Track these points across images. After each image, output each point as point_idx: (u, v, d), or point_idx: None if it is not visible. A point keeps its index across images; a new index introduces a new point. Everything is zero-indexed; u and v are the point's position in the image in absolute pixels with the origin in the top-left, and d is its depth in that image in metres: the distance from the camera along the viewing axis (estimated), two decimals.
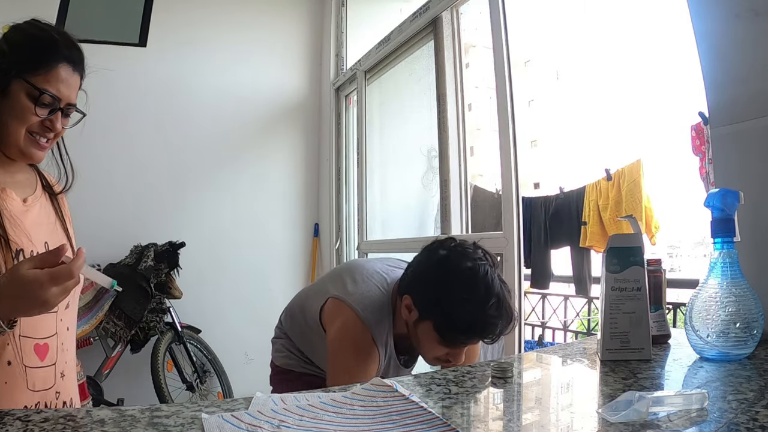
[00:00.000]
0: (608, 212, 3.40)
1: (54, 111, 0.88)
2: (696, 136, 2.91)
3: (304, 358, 1.40)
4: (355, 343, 1.17)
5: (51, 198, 0.99)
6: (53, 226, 0.95)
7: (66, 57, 0.89)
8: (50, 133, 0.89)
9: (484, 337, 1.10)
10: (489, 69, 2.15)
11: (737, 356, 0.88)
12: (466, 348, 1.18)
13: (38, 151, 0.90)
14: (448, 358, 1.14)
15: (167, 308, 2.92)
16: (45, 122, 0.88)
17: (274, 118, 3.67)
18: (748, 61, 1.06)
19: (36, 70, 0.85)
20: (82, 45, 0.97)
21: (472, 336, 1.09)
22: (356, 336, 1.17)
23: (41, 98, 0.85)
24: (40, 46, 0.87)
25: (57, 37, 0.89)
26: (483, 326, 1.07)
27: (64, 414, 0.65)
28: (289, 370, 1.42)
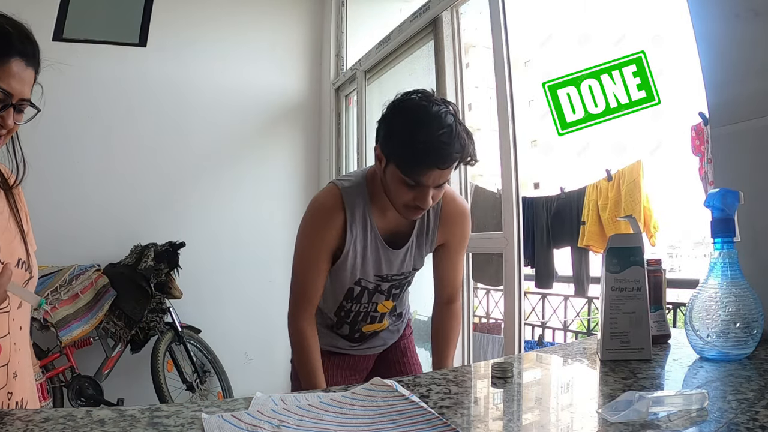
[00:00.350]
0: (607, 212, 3.40)
1: (5, 107, 0.83)
2: (696, 136, 2.91)
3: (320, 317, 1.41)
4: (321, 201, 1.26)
5: (6, 193, 0.94)
6: (6, 222, 0.92)
7: (19, 51, 0.84)
8: (2, 130, 0.85)
9: (439, 164, 1.11)
10: (489, 69, 2.15)
11: (737, 356, 0.88)
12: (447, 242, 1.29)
13: None
14: (415, 203, 1.15)
15: (167, 308, 2.92)
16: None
17: (274, 118, 3.67)
18: (748, 61, 1.06)
19: None
20: (82, 45, 0.95)
21: (427, 162, 1.10)
22: (324, 195, 1.27)
23: None
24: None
25: (10, 29, 0.85)
26: (435, 152, 1.09)
27: (64, 414, 0.65)
28: None
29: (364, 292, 1.33)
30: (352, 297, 1.34)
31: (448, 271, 1.37)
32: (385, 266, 1.29)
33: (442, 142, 1.09)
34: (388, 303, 1.37)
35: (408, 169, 1.12)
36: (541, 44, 18.61)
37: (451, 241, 1.34)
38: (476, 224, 3.36)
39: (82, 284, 2.77)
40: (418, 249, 1.31)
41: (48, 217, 2.97)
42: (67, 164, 3.05)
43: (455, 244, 1.34)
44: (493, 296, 4.51)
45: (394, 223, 1.28)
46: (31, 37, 0.88)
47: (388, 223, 1.28)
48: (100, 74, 3.11)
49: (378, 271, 1.30)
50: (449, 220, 1.31)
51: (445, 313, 1.41)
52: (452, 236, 1.33)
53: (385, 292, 1.34)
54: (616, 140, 15.20)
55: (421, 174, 1.11)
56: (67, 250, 2.98)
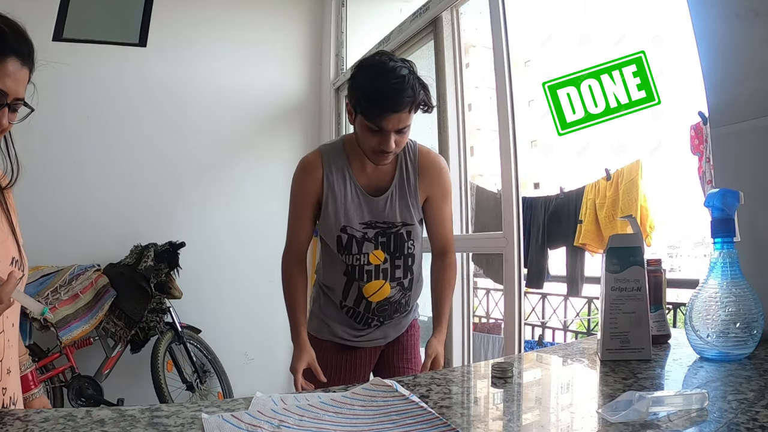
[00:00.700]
0: (604, 211, 3.41)
1: (1, 106, 0.83)
2: (695, 135, 2.91)
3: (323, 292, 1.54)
4: (303, 159, 1.48)
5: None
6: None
7: (14, 50, 0.84)
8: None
9: (394, 108, 1.25)
10: (489, 69, 2.15)
11: (737, 356, 0.88)
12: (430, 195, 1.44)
13: None
14: (380, 147, 1.30)
15: (167, 308, 2.92)
16: None
17: (274, 117, 3.66)
18: (748, 61, 1.06)
19: None
20: (82, 45, 0.96)
21: (383, 107, 1.25)
22: (307, 155, 1.48)
23: None
24: None
25: (5, 28, 0.85)
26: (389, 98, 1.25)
27: (64, 414, 0.65)
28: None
29: (352, 240, 1.43)
30: (343, 247, 1.44)
31: (437, 223, 1.49)
32: (367, 213, 1.42)
33: (395, 89, 1.25)
34: (379, 253, 1.44)
35: (369, 115, 1.28)
36: (541, 44, 18.61)
37: (433, 194, 1.46)
38: (476, 224, 3.37)
39: (82, 284, 2.77)
40: (401, 199, 1.43)
41: (48, 217, 2.97)
42: (67, 164, 3.05)
43: (437, 197, 1.47)
44: (493, 296, 4.52)
45: (374, 176, 1.44)
46: (26, 36, 0.87)
47: (369, 177, 1.44)
48: (100, 74, 3.11)
49: (361, 218, 1.42)
50: (427, 171, 1.44)
51: (439, 265, 1.51)
52: (432, 188, 1.45)
53: (373, 239, 1.43)
54: (616, 140, 15.20)
55: (381, 118, 1.27)
56: (67, 250, 2.98)
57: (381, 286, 1.46)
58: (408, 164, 1.44)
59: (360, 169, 1.43)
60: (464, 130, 2.48)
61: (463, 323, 2.40)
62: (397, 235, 1.44)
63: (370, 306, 1.47)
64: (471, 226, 2.52)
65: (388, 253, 1.45)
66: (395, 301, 1.49)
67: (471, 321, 2.46)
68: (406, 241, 1.46)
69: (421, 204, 1.46)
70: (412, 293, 1.53)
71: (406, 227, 1.45)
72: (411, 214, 1.44)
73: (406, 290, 1.51)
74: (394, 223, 1.43)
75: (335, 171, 1.42)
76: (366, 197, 1.43)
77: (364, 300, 1.47)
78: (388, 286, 1.46)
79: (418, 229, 1.49)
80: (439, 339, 1.45)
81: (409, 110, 1.29)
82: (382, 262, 1.45)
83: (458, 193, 2.47)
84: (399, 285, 1.48)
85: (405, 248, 1.46)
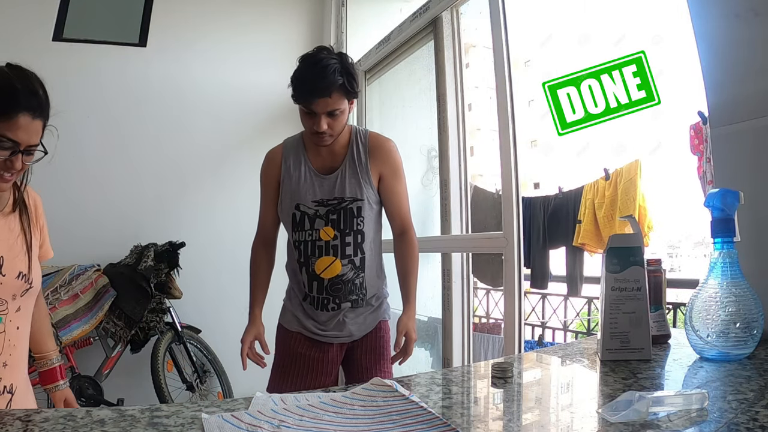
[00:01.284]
0: (603, 210, 3.40)
1: (14, 153, 0.96)
2: (694, 135, 2.91)
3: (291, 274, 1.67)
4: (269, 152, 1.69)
5: (21, 213, 1.11)
6: (14, 240, 1.07)
7: (25, 107, 0.95)
8: (12, 171, 0.98)
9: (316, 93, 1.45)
10: (489, 69, 2.15)
11: (737, 356, 0.88)
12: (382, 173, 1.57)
13: (1, 183, 1.00)
14: (314, 128, 1.48)
15: (167, 308, 2.92)
16: (6, 162, 0.96)
17: (275, 117, 3.66)
18: (748, 61, 1.06)
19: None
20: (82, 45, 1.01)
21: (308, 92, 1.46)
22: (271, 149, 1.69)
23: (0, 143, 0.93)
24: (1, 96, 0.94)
25: (18, 86, 0.95)
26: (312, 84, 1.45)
27: (64, 414, 0.65)
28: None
29: (304, 217, 1.56)
30: (297, 224, 1.57)
31: (393, 201, 1.60)
32: (319, 191, 1.55)
33: (319, 76, 1.44)
34: (329, 229, 1.54)
35: (299, 99, 1.49)
36: (541, 44, 18.60)
37: (384, 171, 1.58)
38: (476, 224, 3.37)
39: (82, 284, 2.77)
40: (353, 176, 1.55)
41: (48, 217, 2.97)
42: (66, 164, 3.04)
43: (388, 174, 1.58)
44: (493, 296, 4.51)
45: (328, 158, 1.58)
46: (38, 92, 1.00)
47: (323, 159, 1.59)
48: (100, 74, 3.11)
49: (314, 196, 1.55)
50: (376, 151, 1.58)
51: (399, 244, 1.62)
52: (383, 165, 1.58)
53: (324, 216, 1.54)
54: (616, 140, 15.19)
55: (310, 102, 1.46)
56: (67, 250, 2.97)
57: (331, 262, 1.54)
58: (359, 146, 1.58)
59: (315, 154, 1.59)
60: (464, 130, 2.48)
61: (463, 323, 2.40)
62: (347, 210, 1.53)
63: (322, 284, 1.54)
64: (471, 226, 2.52)
65: (338, 230, 1.54)
66: (348, 280, 1.55)
67: (471, 321, 2.46)
68: (355, 216, 1.54)
69: (375, 184, 1.57)
70: (366, 275, 1.57)
71: (356, 202, 1.54)
72: (362, 189, 1.55)
73: (359, 269, 1.56)
74: (344, 198, 1.54)
75: (293, 157, 1.60)
76: (319, 177, 1.57)
77: (316, 280, 1.54)
78: (339, 263, 1.54)
79: (370, 208, 1.56)
80: (408, 315, 1.53)
81: (331, 94, 1.44)
82: (332, 239, 1.53)
83: (458, 193, 2.47)
84: (350, 263, 1.55)
85: (354, 224, 1.54)
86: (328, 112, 1.47)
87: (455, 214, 2.46)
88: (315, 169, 1.58)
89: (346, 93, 1.48)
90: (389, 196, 1.59)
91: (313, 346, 1.59)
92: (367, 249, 1.57)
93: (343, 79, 1.45)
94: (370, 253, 1.58)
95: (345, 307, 1.56)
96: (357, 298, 1.57)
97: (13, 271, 1.03)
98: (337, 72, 1.45)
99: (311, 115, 1.48)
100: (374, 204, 1.58)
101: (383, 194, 1.59)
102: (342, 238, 1.54)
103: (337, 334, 1.58)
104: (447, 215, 2.47)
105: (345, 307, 1.56)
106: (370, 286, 1.59)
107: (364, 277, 1.57)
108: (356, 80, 1.50)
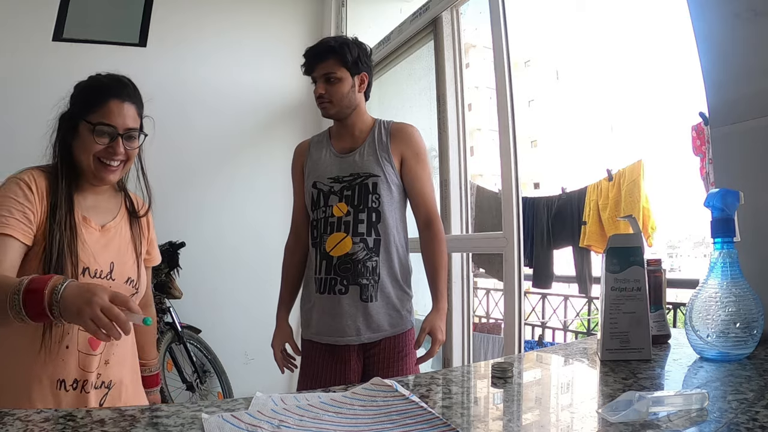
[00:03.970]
0: (607, 212, 3.40)
1: (113, 138, 1.07)
2: (696, 136, 2.91)
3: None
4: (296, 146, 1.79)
5: (131, 220, 1.20)
6: (126, 246, 1.16)
7: (114, 94, 1.08)
8: (117, 157, 1.08)
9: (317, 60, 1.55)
10: (489, 69, 2.15)
11: (737, 356, 0.88)
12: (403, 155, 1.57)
13: (108, 173, 1.09)
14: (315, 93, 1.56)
15: (167, 308, 2.92)
16: (109, 148, 1.07)
17: (274, 117, 3.66)
18: (748, 61, 1.06)
19: (91, 110, 1.06)
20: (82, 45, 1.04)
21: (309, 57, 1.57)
22: None
23: (97, 129, 1.06)
24: (91, 91, 1.09)
25: (105, 80, 1.10)
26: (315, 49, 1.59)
27: (64, 414, 0.65)
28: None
29: (320, 195, 1.57)
30: (314, 203, 1.59)
31: (416, 186, 1.57)
32: (336, 168, 1.57)
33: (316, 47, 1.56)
34: (342, 205, 1.53)
35: (306, 70, 1.58)
36: (541, 44, 18.63)
37: (406, 153, 1.57)
38: (476, 224, 3.37)
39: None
40: (371, 154, 1.56)
41: None
42: None
43: (411, 155, 1.57)
44: (493, 296, 4.51)
45: (349, 141, 1.62)
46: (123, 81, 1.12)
47: (344, 143, 1.62)
48: None
49: (330, 173, 1.57)
50: (398, 134, 1.59)
51: (425, 237, 1.57)
52: (405, 147, 1.57)
53: (338, 193, 1.54)
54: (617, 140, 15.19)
55: (311, 70, 1.56)
56: None
57: (342, 238, 1.50)
58: (382, 130, 1.60)
59: (338, 138, 1.64)
60: (464, 130, 2.48)
61: (463, 323, 2.40)
62: (362, 186, 1.52)
63: (331, 263, 1.49)
64: (471, 226, 2.52)
65: (352, 205, 1.51)
66: (358, 260, 1.48)
67: (471, 321, 2.46)
68: (370, 193, 1.51)
69: (397, 165, 1.56)
70: (381, 262, 1.50)
71: (372, 178, 1.52)
72: (380, 166, 1.53)
73: (371, 251, 1.49)
74: (359, 174, 1.53)
75: (317, 144, 1.68)
76: (338, 156, 1.59)
77: (326, 259, 1.51)
78: (350, 240, 1.49)
79: (388, 187, 1.53)
80: (437, 313, 1.46)
81: (324, 59, 1.52)
82: (345, 215, 1.51)
83: (458, 193, 2.47)
84: (362, 242, 1.49)
85: (369, 200, 1.51)
86: (324, 76, 1.53)
87: (455, 214, 2.46)
88: (336, 150, 1.61)
89: (340, 59, 1.52)
90: (412, 182, 1.56)
91: (332, 357, 1.52)
92: (383, 232, 1.50)
93: (336, 45, 1.52)
94: (387, 239, 1.50)
95: (353, 293, 1.48)
96: (368, 283, 1.48)
97: (122, 277, 1.11)
98: (333, 42, 1.54)
99: (314, 83, 1.57)
100: (393, 185, 1.53)
101: (406, 179, 1.56)
102: (355, 215, 1.50)
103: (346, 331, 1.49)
104: (447, 215, 2.47)
105: (353, 293, 1.48)
106: (386, 278, 1.50)
107: (377, 262, 1.49)
108: (351, 51, 1.54)
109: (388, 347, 1.51)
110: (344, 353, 1.51)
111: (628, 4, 18.35)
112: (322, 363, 1.53)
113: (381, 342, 1.51)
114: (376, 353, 1.51)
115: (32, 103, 3.02)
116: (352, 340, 1.50)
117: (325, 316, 1.52)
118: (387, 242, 1.51)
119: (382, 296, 1.50)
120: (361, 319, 1.49)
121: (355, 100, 1.58)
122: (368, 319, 1.49)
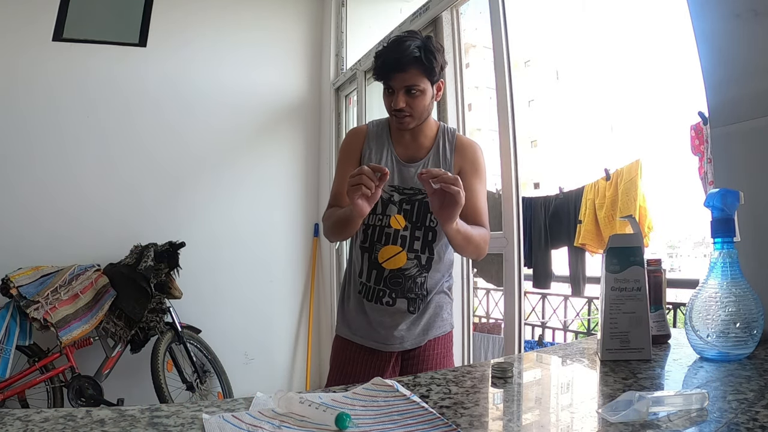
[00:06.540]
0: (603, 211, 3.40)
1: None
2: (695, 135, 2.91)
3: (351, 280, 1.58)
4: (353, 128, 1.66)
5: None
6: None
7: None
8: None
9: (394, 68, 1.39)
10: (489, 69, 2.15)
11: (737, 356, 0.88)
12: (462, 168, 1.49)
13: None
14: (393, 106, 1.42)
15: (167, 308, 2.92)
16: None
17: (274, 117, 3.67)
18: (748, 61, 1.06)
19: None
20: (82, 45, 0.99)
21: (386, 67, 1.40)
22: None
23: None
24: None
25: None
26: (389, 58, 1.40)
27: (64, 414, 0.65)
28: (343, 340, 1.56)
29: (379, 200, 1.46)
30: None
31: (470, 198, 1.44)
32: (397, 178, 1.49)
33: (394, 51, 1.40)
34: (400, 218, 1.47)
35: (379, 75, 1.43)
36: (541, 44, 18.62)
37: (465, 167, 1.50)
38: None
39: (82, 284, 2.77)
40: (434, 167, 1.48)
41: (48, 217, 2.97)
42: (66, 164, 3.05)
43: (470, 169, 1.50)
44: (493, 296, 4.51)
45: (412, 147, 1.52)
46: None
47: (406, 148, 1.53)
48: (100, 74, 3.11)
49: (391, 181, 1.48)
50: (462, 149, 1.52)
51: None
52: (465, 161, 1.50)
53: (397, 203, 1.47)
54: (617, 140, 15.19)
55: (387, 78, 1.41)
56: (67, 250, 2.98)
57: (397, 252, 1.46)
58: (446, 142, 1.52)
59: (399, 142, 1.53)
60: (464, 130, 2.48)
61: (463, 323, 2.40)
62: (422, 203, 1.46)
63: (382, 274, 1.46)
64: None
65: (410, 221, 1.46)
66: (410, 276, 1.47)
67: (471, 321, 2.46)
68: (429, 212, 1.45)
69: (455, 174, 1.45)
70: (429, 277, 1.48)
71: None
72: None
73: (423, 268, 1.47)
74: (420, 190, 1.46)
75: (377, 138, 1.54)
76: (400, 164, 1.50)
77: (376, 269, 1.47)
78: (404, 255, 1.46)
79: None
80: None
81: (406, 69, 1.38)
82: (402, 229, 1.46)
83: None
84: (416, 258, 1.47)
85: (427, 219, 1.46)
86: (406, 88, 1.40)
87: None
88: (398, 156, 1.51)
89: (424, 70, 1.39)
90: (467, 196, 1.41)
91: (371, 358, 1.51)
92: (437, 252, 1.48)
93: (420, 54, 1.38)
94: (439, 260, 1.48)
95: (401, 306, 1.47)
96: (416, 297, 1.48)
97: None
98: (414, 46, 1.38)
99: (391, 93, 1.43)
100: None
101: None
102: (412, 231, 1.46)
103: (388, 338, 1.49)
104: None
105: (401, 306, 1.47)
106: (433, 291, 1.50)
107: (426, 278, 1.48)
108: (437, 59, 1.41)
109: (429, 348, 1.53)
110: (384, 356, 1.52)
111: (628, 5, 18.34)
112: (360, 362, 1.51)
113: (423, 344, 1.53)
114: (416, 355, 1.53)
115: (32, 103, 3.04)
116: (395, 347, 1.51)
117: (369, 324, 1.51)
118: (439, 260, 1.50)
119: (428, 307, 1.52)
120: (405, 328, 1.50)
121: (432, 108, 1.49)
122: (413, 329, 1.50)
